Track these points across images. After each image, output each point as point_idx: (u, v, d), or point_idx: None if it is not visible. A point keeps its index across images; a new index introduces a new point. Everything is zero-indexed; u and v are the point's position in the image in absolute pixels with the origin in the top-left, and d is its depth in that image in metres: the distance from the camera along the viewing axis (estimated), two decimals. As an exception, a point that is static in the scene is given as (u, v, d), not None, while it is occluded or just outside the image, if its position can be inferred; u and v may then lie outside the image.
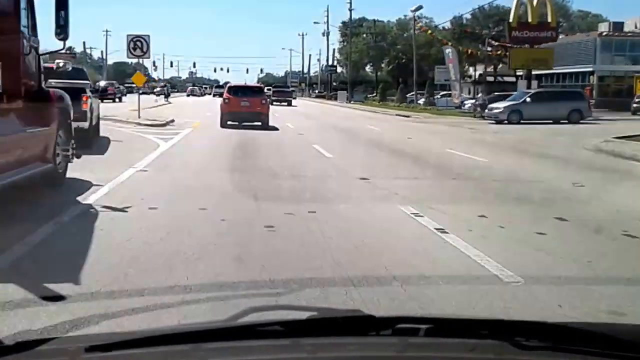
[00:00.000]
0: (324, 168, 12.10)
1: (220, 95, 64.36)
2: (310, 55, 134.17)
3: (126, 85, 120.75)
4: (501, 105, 32.00)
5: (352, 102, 67.91)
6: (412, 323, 1.45)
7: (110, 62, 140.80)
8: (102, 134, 17.41)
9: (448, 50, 43.55)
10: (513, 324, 1.57)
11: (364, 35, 78.67)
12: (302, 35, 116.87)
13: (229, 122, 22.63)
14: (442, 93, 54.10)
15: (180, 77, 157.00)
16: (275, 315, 1.65)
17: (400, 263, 5.29)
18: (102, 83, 43.92)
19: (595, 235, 6.80)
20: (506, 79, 67.15)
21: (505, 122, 30.91)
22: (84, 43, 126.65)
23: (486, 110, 33.12)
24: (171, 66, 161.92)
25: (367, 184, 10.06)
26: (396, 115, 41.05)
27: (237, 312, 1.57)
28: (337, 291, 4.46)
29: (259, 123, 23.02)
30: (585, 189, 10.08)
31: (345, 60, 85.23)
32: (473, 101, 43.34)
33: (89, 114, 13.61)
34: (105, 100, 41.01)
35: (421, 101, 52.69)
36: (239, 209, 7.54)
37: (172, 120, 25.27)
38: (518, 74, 63.79)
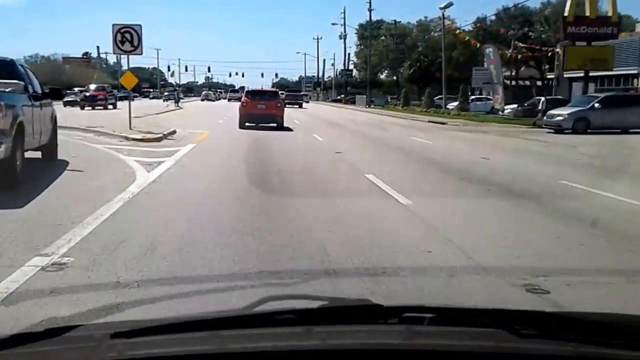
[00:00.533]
0: (419, 242, 6.05)
1: (236, 99, 58.85)
2: (324, 60, 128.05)
3: (144, 89, 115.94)
4: (564, 111, 25.87)
5: (371, 106, 61.86)
6: (417, 312, 1.44)
7: (126, 67, 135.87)
8: (68, 155, 11.75)
9: (489, 50, 37.21)
10: (513, 313, 1.53)
11: (382, 37, 72.39)
12: (318, 39, 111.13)
13: (247, 124, 22.87)
14: (472, 97, 48.00)
15: (197, 82, 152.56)
16: (289, 304, 1.52)
17: None
18: (92, 86, 37.03)
19: None
20: (528, 82, 61.06)
21: (568, 131, 24.84)
22: (97, 47, 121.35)
23: (544, 118, 27.00)
24: (186, 70, 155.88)
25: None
26: (429, 122, 34.97)
27: (253, 301, 1.55)
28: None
29: (275, 124, 23.17)
30: None
31: (363, 63, 79.14)
32: (515, 106, 37.16)
33: (4, 137, 7.70)
34: (97, 108, 34.81)
35: (451, 106, 46.49)
36: None
37: (173, 132, 19.35)
38: (549, 76, 57.78)
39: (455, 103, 47.67)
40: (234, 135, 19.98)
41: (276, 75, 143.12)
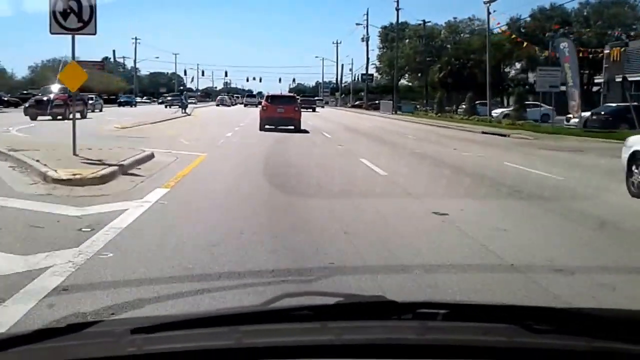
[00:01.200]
0: None
1: (253, 105, 56.92)
2: (342, 65, 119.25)
3: (162, 94, 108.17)
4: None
5: (398, 113, 53.93)
6: (431, 308, 1.39)
7: (145, 72, 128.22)
8: None
9: (564, 45, 28.68)
10: (524, 309, 1.50)
11: (407, 39, 64.15)
12: (337, 43, 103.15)
13: (266, 126, 22.54)
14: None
15: (215, 87, 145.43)
16: (305, 301, 1.50)
17: None
18: (55, 88, 26.64)
19: None
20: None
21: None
22: (113, 51, 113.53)
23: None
24: (202, 75, 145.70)
25: None
26: (483, 133, 27.08)
27: (270, 297, 1.51)
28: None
29: (292, 127, 22.76)
30: None
31: (386, 67, 71.19)
32: (587, 114, 28.99)
33: None
34: (59, 117, 24.76)
35: (496, 112, 38.45)
36: None
37: (147, 158, 11.65)
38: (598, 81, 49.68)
39: (500, 110, 39.70)
40: (243, 164, 12.23)
41: (294, 80, 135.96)
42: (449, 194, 8.79)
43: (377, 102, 68.72)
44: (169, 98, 59.55)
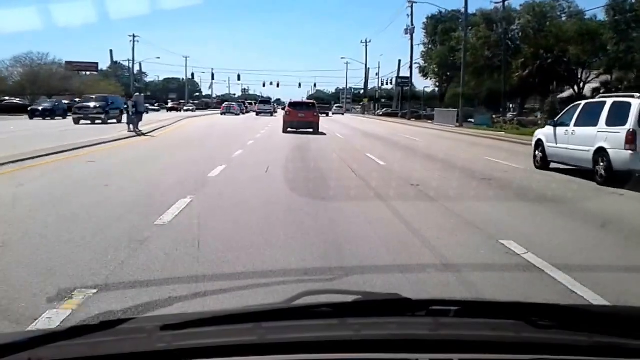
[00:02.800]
0: None
1: (267, 113, 53.93)
2: (368, 69, 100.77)
3: (170, 100, 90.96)
4: None
5: (463, 125, 35.88)
6: (443, 305, 1.38)
7: (154, 76, 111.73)
8: None
9: None
10: (530, 306, 1.47)
11: (473, 28, 45.65)
12: (366, 42, 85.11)
13: (289, 129, 24.68)
14: None
15: (233, 94, 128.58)
16: (325, 298, 1.46)
17: None
18: None
19: None
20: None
21: None
22: (110, 51, 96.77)
23: None
24: (213, 79, 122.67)
25: None
26: None
27: (292, 295, 1.47)
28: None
29: (312, 129, 24.63)
30: None
31: (435, 66, 52.90)
32: None
33: None
34: None
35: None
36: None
37: None
38: None
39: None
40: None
41: (314, 85, 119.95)
42: None
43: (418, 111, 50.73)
44: (91, 105, 30.53)
